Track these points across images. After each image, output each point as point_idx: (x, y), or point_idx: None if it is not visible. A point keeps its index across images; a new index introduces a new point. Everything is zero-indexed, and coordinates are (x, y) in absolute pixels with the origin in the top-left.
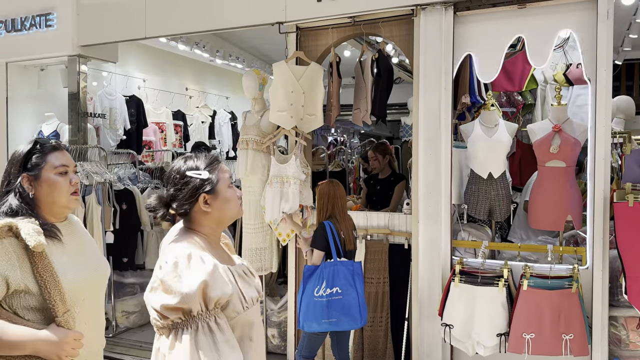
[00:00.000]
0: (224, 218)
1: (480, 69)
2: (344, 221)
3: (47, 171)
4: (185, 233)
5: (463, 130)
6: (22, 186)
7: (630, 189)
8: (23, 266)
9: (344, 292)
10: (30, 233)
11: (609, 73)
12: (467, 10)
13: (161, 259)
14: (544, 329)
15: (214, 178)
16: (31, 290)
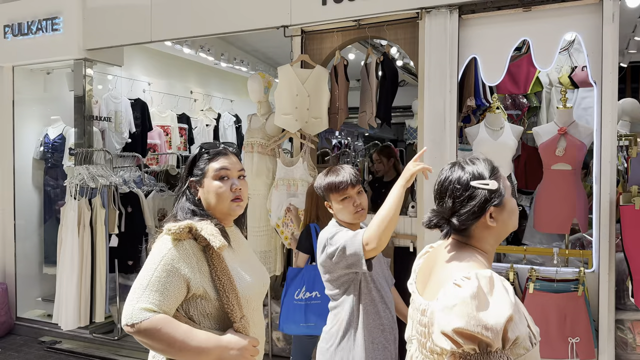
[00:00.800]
0: (506, 232)
1: (486, 72)
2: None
3: (208, 177)
4: (463, 250)
5: (468, 133)
6: (190, 191)
7: (637, 191)
8: (202, 269)
9: (323, 297)
10: (214, 234)
11: (614, 76)
12: (472, 13)
13: (453, 275)
14: (550, 332)
15: (501, 189)
16: (209, 295)
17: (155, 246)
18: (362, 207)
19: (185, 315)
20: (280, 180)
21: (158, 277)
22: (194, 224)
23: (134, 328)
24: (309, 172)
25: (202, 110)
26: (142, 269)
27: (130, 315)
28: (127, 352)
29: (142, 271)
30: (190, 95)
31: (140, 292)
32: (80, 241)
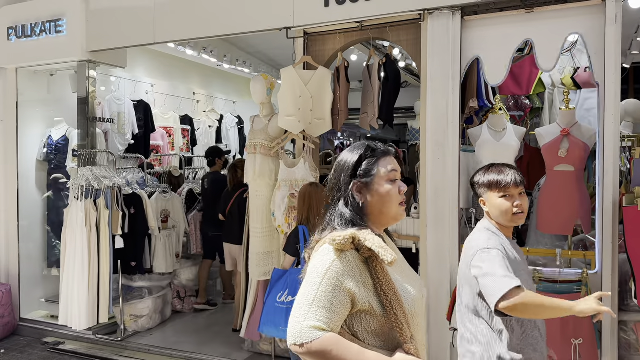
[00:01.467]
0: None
1: (488, 73)
2: (319, 226)
3: (378, 179)
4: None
5: (471, 134)
6: (353, 195)
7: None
8: (366, 283)
9: None
10: (382, 246)
11: (617, 77)
12: (475, 14)
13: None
14: (553, 333)
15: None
16: (374, 311)
17: (316, 258)
18: (522, 209)
19: (349, 332)
20: (282, 182)
21: (324, 292)
22: (357, 233)
23: (304, 348)
24: (311, 173)
25: (204, 112)
26: (305, 284)
27: (299, 334)
28: (130, 353)
29: (304, 286)
30: (193, 96)
31: (307, 309)
32: (88, 242)
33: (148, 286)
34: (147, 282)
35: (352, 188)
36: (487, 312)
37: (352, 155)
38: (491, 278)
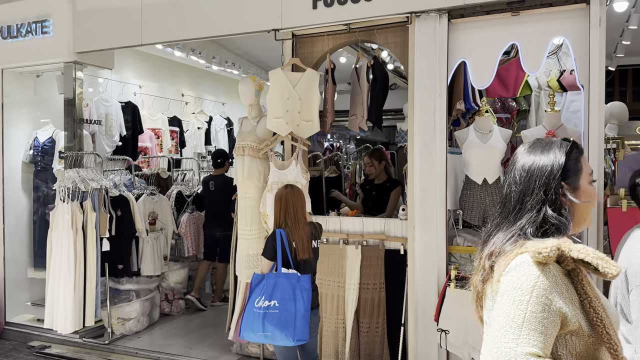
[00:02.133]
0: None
1: (475, 76)
2: (297, 229)
3: (584, 180)
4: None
5: (458, 136)
6: (560, 199)
7: (624, 194)
8: (573, 299)
9: (281, 307)
10: (601, 257)
11: (601, 79)
12: (462, 17)
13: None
14: None
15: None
16: (582, 331)
17: (514, 272)
18: None
19: (551, 357)
20: (274, 184)
21: (533, 312)
22: (560, 243)
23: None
24: (302, 175)
25: (193, 113)
26: (505, 303)
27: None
28: (118, 357)
29: (504, 305)
30: (182, 98)
31: (517, 332)
32: (74, 245)
33: (136, 289)
34: (134, 284)
35: (560, 192)
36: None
37: (554, 156)
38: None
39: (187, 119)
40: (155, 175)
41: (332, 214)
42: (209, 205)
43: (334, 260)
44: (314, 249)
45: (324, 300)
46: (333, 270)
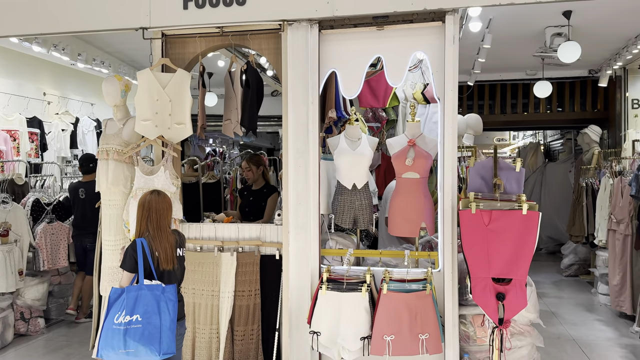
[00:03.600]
0: None
1: (344, 85)
2: (160, 237)
3: None
4: None
5: (330, 143)
6: None
7: (474, 197)
8: None
9: (145, 321)
10: None
11: (454, 93)
12: (331, 28)
13: None
14: (402, 330)
15: None
16: None
17: None
18: None
19: None
20: (139, 190)
21: None
22: None
23: None
24: (171, 182)
25: (57, 114)
26: None
27: None
28: None
29: None
30: (44, 97)
31: None
32: None
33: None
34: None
35: None
36: None
37: None
38: None
39: (49, 120)
40: (9, 181)
41: (207, 221)
42: (80, 214)
43: (209, 269)
44: (179, 257)
45: (198, 311)
46: (207, 279)
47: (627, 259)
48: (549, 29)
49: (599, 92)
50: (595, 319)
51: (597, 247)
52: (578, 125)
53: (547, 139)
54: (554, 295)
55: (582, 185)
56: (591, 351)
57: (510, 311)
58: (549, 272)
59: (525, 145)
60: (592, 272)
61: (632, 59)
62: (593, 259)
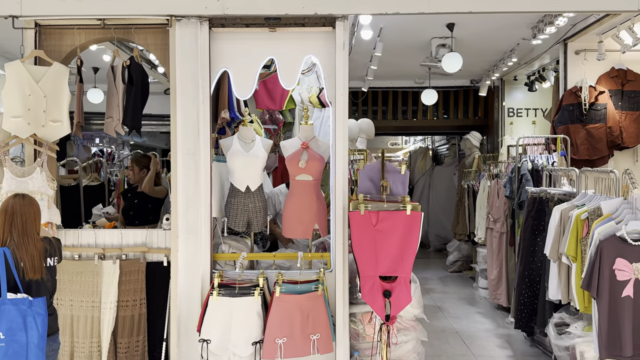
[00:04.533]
0: None
1: (236, 86)
2: (25, 245)
3: None
4: None
5: (223, 144)
6: None
7: (363, 199)
8: None
9: (9, 339)
10: None
11: (345, 97)
12: (222, 27)
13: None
14: (294, 332)
15: None
16: None
17: None
18: None
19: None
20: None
21: None
22: None
23: None
24: (47, 184)
25: None
26: None
27: None
28: None
29: None
30: None
31: None
32: None
33: None
34: None
35: None
36: None
37: None
38: None
39: None
40: None
41: (87, 227)
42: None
43: (88, 278)
44: (48, 267)
45: (76, 324)
46: (87, 289)
47: (503, 255)
48: (435, 40)
49: (479, 101)
50: (476, 312)
51: (477, 245)
52: (461, 131)
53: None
54: (440, 291)
55: (464, 187)
56: (472, 342)
57: (396, 307)
58: (436, 269)
59: (416, 150)
60: (474, 268)
61: (507, 71)
62: (474, 255)
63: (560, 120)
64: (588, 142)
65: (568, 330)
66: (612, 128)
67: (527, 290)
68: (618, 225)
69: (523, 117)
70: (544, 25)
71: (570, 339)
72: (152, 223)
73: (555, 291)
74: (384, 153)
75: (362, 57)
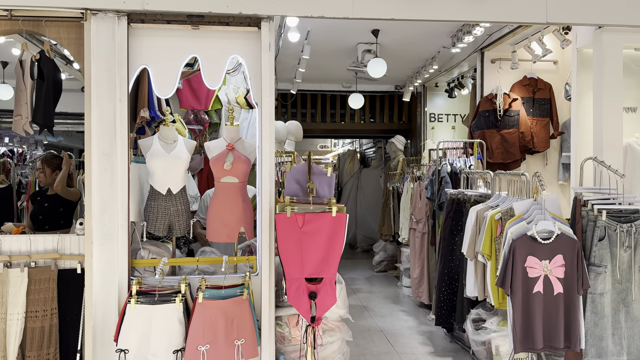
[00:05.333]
0: None
1: (157, 84)
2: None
3: None
4: None
5: (142, 145)
6: None
7: (289, 201)
8: None
9: None
10: None
11: (271, 99)
12: (142, 22)
13: None
14: (218, 338)
15: None
16: None
17: None
18: None
19: None
20: None
21: None
22: None
23: None
24: None
25: None
26: None
27: None
28: None
29: None
30: None
31: None
32: None
33: None
34: None
35: None
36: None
37: None
38: None
39: None
40: None
41: None
42: None
43: None
44: None
45: None
46: None
47: (425, 254)
48: (360, 45)
49: (403, 106)
50: (400, 310)
51: (402, 245)
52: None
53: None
54: (367, 290)
55: (390, 189)
56: (395, 340)
57: (322, 309)
58: (363, 269)
59: (344, 152)
60: (398, 267)
61: (429, 78)
62: (399, 255)
63: (477, 125)
64: (502, 146)
65: (484, 326)
66: (524, 133)
67: (446, 288)
68: (529, 225)
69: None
70: (463, 34)
71: (487, 334)
72: (63, 228)
73: (472, 288)
74: (310, 155)
75: (290, 60)
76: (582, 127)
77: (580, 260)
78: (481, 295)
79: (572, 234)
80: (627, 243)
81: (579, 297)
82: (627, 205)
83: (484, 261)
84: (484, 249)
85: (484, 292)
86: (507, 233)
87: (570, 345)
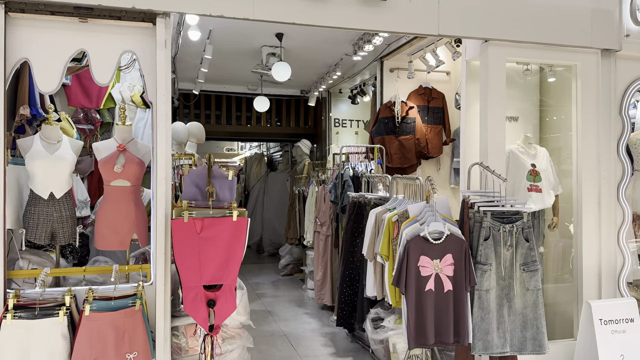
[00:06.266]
0: None
1: (39, 79)
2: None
3: None
4: None
5: (21, 145)
6: None
7: (187, 206)
8: None
9: None
10: None
11: (167, 98)
12: (22, 12)
13: None
14: (107, 352)
15: None
16: None
17: None
18: None
19: None
20: None
21: None
22: None
23: None
24: None
25: None
26: None
27: None
28: None
29: None
30: None
31: None
32: None
33: None
34: None
35: None
36: None
37: None
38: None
39: None
40: None
41: None
42: None
43: None
44: None
45: None
46: None
47: (328, 257)
48: (265, 47)
49: (309, 111)
50: (304, 313)
51: (307, 248)
52: (293, 139)
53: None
54: (271, 295)
55: (295, 192)
56: (298, 343)
57: (221, 316)
58: (269, 273)
59: (251, 156)
60: (304, 270)
61: (333, 84)
62: (304, 258)
63: (377, 131)
64: (400, 151)
65: (383, 325)
66: (419, 140)
67: (347, 289)
68: (422, 226)
69: (347, 128)
70: (363, 43)
71: (384, 332)
72: None
73: (372, 288)
74: (210, 158)
75: (192, 59)
76: (470, 134)
77: (468, 259)
78: (380, 295)
79: (460, 234)
80: (509, 242)
81: (466, 293)
82: (509, 207)
83: (383, 262)
84: (382, 250)
85: (382, 291)
86: (402, 234)
87: (459, 340)
